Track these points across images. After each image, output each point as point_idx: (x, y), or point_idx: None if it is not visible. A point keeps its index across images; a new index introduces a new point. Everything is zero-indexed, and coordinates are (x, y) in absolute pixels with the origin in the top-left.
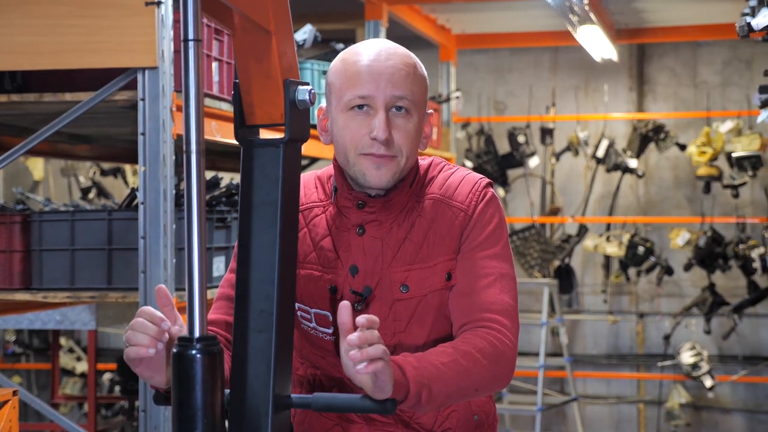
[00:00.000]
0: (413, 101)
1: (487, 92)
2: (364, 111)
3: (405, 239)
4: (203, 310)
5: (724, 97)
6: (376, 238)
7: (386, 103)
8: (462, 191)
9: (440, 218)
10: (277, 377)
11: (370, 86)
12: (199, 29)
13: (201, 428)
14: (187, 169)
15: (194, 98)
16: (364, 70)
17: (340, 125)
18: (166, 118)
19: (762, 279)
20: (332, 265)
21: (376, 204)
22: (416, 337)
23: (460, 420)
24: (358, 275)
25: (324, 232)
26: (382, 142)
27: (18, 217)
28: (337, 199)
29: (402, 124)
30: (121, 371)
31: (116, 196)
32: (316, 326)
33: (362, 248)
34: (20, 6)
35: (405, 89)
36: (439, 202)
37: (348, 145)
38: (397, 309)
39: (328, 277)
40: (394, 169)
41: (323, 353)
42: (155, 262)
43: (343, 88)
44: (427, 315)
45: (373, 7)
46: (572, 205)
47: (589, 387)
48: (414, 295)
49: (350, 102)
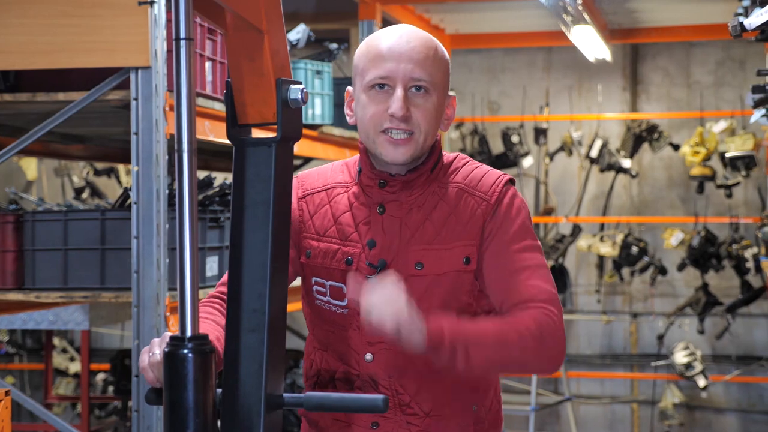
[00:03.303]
0: (432, 82)
1: (480, 92)
2: (384, 90)
3: (425, 221)
4: (195, 310)
5: (717, 97)
6: (395, 217)
7: (404, 81)
8: (485, 183)
9: (462, 205)
10: (270, 377)
11: (390, 65)
12: (191, 28)
13: (193, 428)
14: (179, 168)
15: (186, 97)
16: (386, 51)
17: (362, 104)
18: (159, 118)
19: (755, 279)
20: (350, 238)
21: (397, 183)
22: (426, 314)
23: (459, 408)
24: (375, 249)
25: (344, 209)
26: (399, 118)
27: (11, 217)
28: (361, 178)
29: (421, 102)
30: (114, 371)
31: (110, 196)
32: (330, 299)
33: (381, 225)
34: (13, 5)
35: (424, 70)
36: (462, 191)
37: (368, 123)
38: (410, 285)
39: (345, 249)
40: (412, 147)
41: (333, 327)
42: (148, 262)
43: (365, 69)
44: (438, 294)
45: (366, 7)
46: (566, 205)
47: (582, 387)
48: (428, 273)
49: (371, 81)
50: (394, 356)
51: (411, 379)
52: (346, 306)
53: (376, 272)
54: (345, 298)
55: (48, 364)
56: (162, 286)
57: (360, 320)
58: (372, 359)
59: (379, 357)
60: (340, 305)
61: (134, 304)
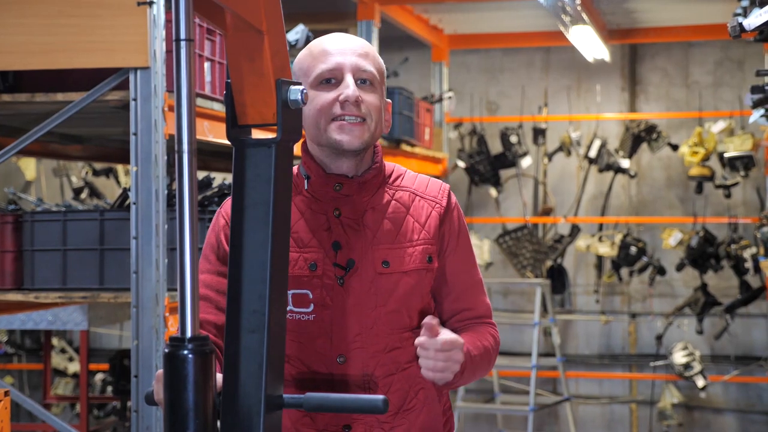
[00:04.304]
0: (376, 77)
1: (479, 92)
2: (331, 84)
3: (383, 221)
4: (195, 310)
5: (716, 97)
6: (353, 219)
7: (353, 70)
8: (432, 188)
9: (417, 207)
10: (269, 377)
11: (336, 58)
12: (190, 29)
13: (193, 428)
14: (179, 169)
15: (186, 98)
16: (330, 47)
17: (310, 100)
18: (158, 118)
19: (754, 279)
20: (309, 245)
21: (353, 184)
22: (393, 311)
23: (426, 398)
24: (340, 251)
25: (296, 217)
26: (352, 102)
27: (10, 217)
28: (311, 185)
29: (368, 92)
30: (113, 372)
31: (108, 196)
32: (292, 308)
33: (342, 227)
34: (12, 5)
35: (368, 62)
36: (413, 194)
37: (318, 115)
38: (379, 283)
39: (306, 255)
40: (366, 131)
41: (298, 336)
42: (147, 263)
43: (310, 67)
44: (405, 292)
45: (365, 7)
46: (564, 205)
47: (581, 387)
48: (395, 271)
49: (319, 76)
50: (366, 355)
51: (382, 375)
52: (312, 312)
53: (345, 273)
54: (310, 304)
55: (47, 364)
56: (161, 287)
57: (330, 325)
58: (344, 361)
59: (351, 358)
60: (305, 312)
61: (133, 305)
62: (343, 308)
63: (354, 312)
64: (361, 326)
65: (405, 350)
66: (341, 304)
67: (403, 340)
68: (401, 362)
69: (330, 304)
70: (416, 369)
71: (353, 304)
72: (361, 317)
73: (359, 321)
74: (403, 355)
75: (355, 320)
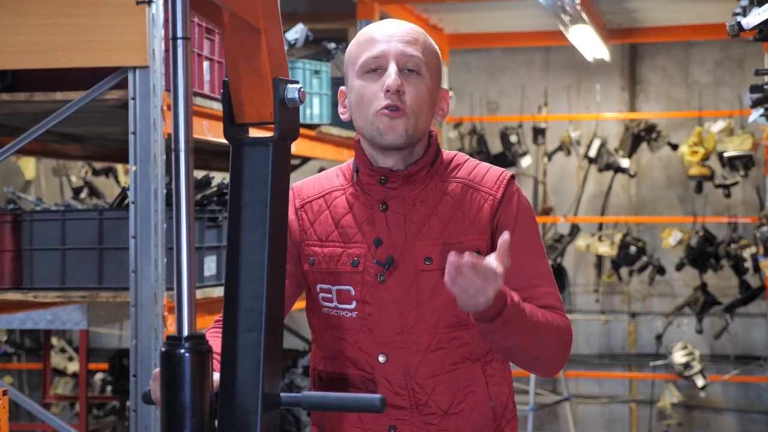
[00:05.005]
0: (425, 63)
1: (479, 92)
2: (378, 73)
3: (431, 215)
4: (192, 310)
5: (715, 96)
6: (399, 213)
7: (397, 58)
8: (489, 178)
9: (469, 200)
10: (267, 376)
11: (381, 45)
12: (188, 27)
13: (190, 427)
14: (175, 167)
15: (183, 96)
16: (376, 35)
17: (357, 91)
18: (156, 118)
19: (753, 278)
20: (354, 239)
21: (398, 178)
22: (438, 308)
23: (476, 402)
24: (381, 247)
25: (344, 211)
26: (393, 92)
27: (9, 217)
28: (359, 177)
29: (414, 82)
30: (112, 371)
31: (108, 195)
32: (337, 305)
33: (386, 223)
34: (11, 5)
35: (415, 49)
36: (467, 186)
37: (364, 106)
38: (420, 280)
39: (350, 251)
40: (405, 123)
41: (342, 333)
42: (146, 262)
43: (357, 54)
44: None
45: (365, 7)
46: (564, 204)
47: (581, 386)
48: (438, 267)
49: (365, 64)
50: (409, 354)
51: (426, 376)
52: (354, 309)
53: (384, 270)
54: (353, 301)
55: (46, 363)
56: (160, 286)
57: (371, 322)
58: (386, 360)
59: (393, 357)
60: (348, 309)
61: (132, 304)
62: (383, 306)
63: (395, 309)
64: (402, 324)
65: (452, 351)
66: (381, 301)
67: (450, 340)
68: (447, 363)
69: (370, 301)
70: (465, 371)
71: (394, 302)
72: (402, 315)
73: (400, 319)
74: (449, 355)
75: (396, 318)
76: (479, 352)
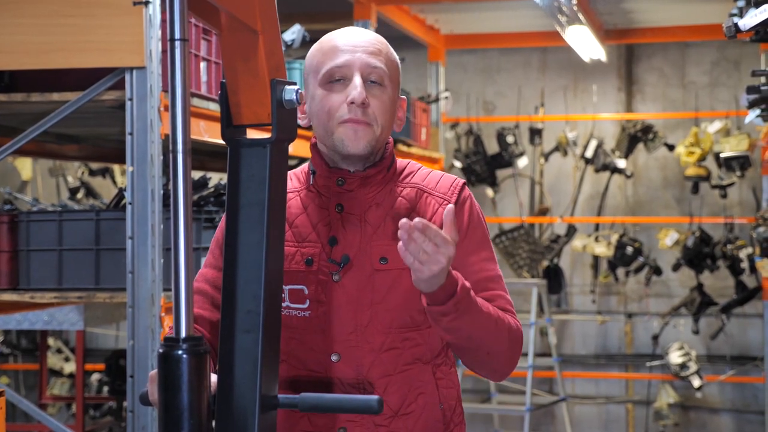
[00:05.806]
0: (388, 75)
1: (476, 92)
2: (341, 83)
3: (386, 217)
4: (189, 311)
5: (712, 97)
6: (355, 214)
7: (362, 69)
8: (443, 184)
9: (423, 204)
10: (264, 377)
11: (346, 56)
12: (185, 28)
13: (187, 429)
14: (173, 168)
15: (180, 97)
16: (340, 44)
17: (318, 99)
18: (153, 118)
19: (750, 279)
20: (308, 239)
21: (355, 180)
22: (392, 308)
23: (426, 404)
24: (336, 246)
25: (298, 212)
26: (359, 105)
27: (5, 217)
28: (316, 180)
29: (377, 94)
30: (109, 372)
31: (105, 196)
32: (289, 305)
33: (341, 223)
34: (8, 5)
35: (379, 60)
36: (421, 191)
37: (326, 116)
38: (376, 280)
39: (303, 250)
40: (369, 135)
41: (293, 333)
42: (143, 263)
43: (320, 63)
44: (403, 289)
45: (361, 7)
46: (561, 205)
47: (577, 387)
48: (393, 267)
49: (328, 74)
50: (362, 353)
51: (379, 375)
52: (308, 309)
53: (339, 269)
54: (306, 300)
55: (43, 364)
56: (157, 287)
57: (324, 321)
58: (339, 359)
59: (345, 356)
60: (301, 308)
61: (129, 305)
62: (338, 305)
63: (348, 309)
64: (357, 324)
65: (404, 351)
66: (335, 301)
67: (403, 341)
68: (399, 363)
69: (324, 300)
70: (416, 372)
71: (348, 301)
72: (356, 314)
73: (354, 318)
74: (402, 355)
75: (350, 317)
76: (430, 354)
